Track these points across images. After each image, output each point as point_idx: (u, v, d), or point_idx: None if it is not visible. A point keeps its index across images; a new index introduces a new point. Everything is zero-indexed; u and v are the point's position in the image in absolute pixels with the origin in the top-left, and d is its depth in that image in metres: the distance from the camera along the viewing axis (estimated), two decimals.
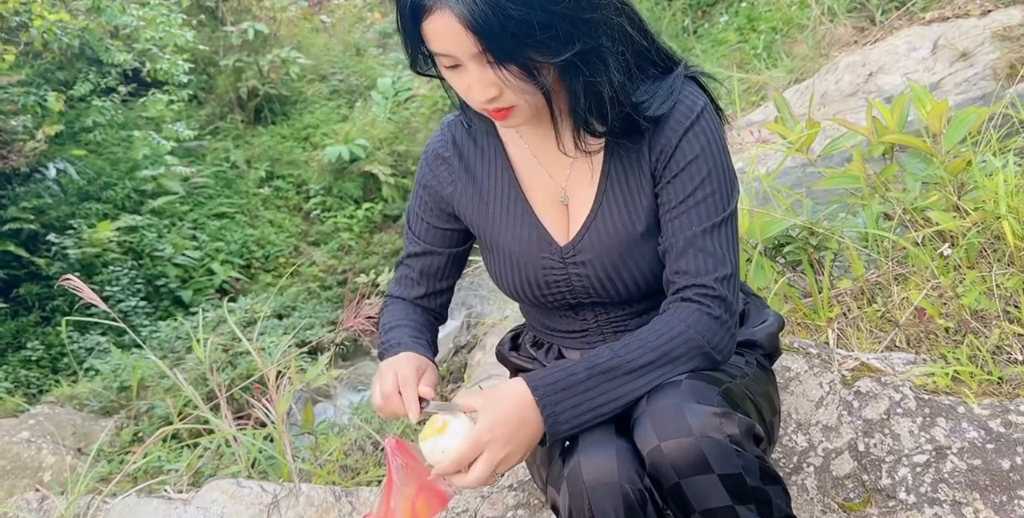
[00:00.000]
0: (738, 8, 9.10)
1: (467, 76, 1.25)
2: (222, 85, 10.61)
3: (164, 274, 8.11)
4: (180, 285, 8.21)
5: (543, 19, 1.17)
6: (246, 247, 9.13)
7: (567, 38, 1.20)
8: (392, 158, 10.39)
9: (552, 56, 1.21)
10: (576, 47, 1.22)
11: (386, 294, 1.67)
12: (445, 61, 1.26)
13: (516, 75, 1.22)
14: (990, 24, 5.80)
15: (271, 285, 8.96)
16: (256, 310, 6.17)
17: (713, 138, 1.36)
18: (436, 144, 1.56)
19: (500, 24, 1.15)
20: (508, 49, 1.19)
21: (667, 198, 1.37)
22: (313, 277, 9.19)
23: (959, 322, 2.05)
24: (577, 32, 1.21)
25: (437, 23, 1.19)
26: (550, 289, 1.47)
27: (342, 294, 8.91)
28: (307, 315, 8.09)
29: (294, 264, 9.38)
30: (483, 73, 1.24)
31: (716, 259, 1.35)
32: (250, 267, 9.10)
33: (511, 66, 1.21)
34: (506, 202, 1.49)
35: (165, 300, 8.07)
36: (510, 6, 1.15)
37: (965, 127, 2.39)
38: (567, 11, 1.19)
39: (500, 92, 1.26)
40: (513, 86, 1.24)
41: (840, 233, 2.43)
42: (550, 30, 1.18)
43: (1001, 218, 2.09)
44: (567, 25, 1.20)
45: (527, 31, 1.17)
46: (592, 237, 1.42)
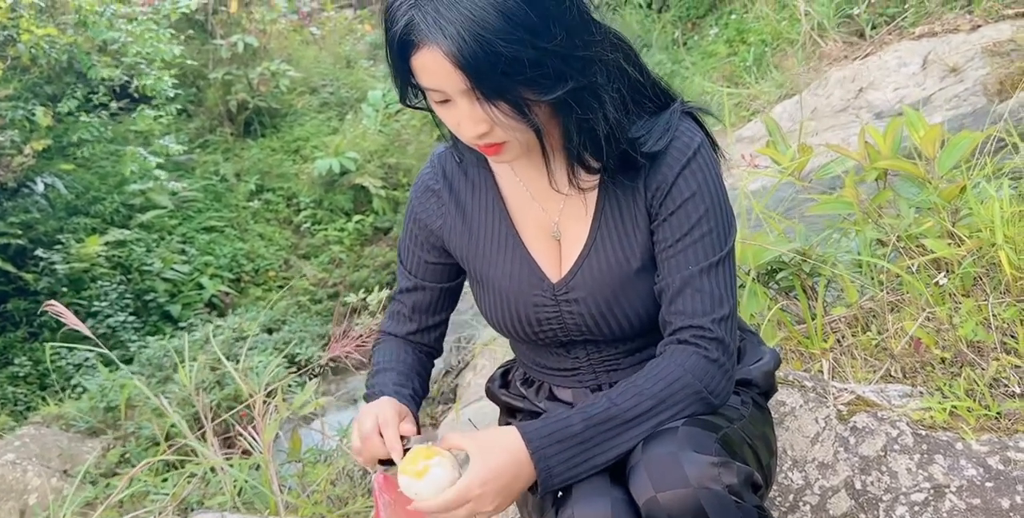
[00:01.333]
0: (728, 21, 9.11)
1: (457, 111, 1.23)
2: (211, 98, 10.56)
3: (153, 289, 8.04)
4: (169, 300, 8.14)
5: (533, 57, 1.14)
6: (236, 261, 9.07)
7: (559, 75, 1.18)
8: (383, 171, 10.35)
9: (543, 94, 1.18)
10: (568, 85, 1.19)
11: (380, 329, 1.64)
12: (435, 96, 1.23)
13: (506, 112, 1.19)
14: (980, 40, 5.81)
15: (261, 299, 8.89)
16: (244, 329, 6.11)
17: (710, 175, 1.34)
18: (426, 177, 1.53)
19: (489, 61, 1.13)
20: (497, 86, 1.16)
21: (663, 236, 1.35)
22: (303, 291, 9.12)
23: (956, 353, 2.02)
24: (569, 69, 1.19)
25: (425, 59, 1.17)
26: (541, 326, 1.44)
27: (332, 308, 8.84)
28: (297, 329, 8.03)
29: (284, 278, 9.32)
30: (473, 109, 1.21)
31: (714, 300, 1.32)
32: (240, 281, 9.03)
33: (500, 103, 1.18)
34: (497, 236, 1.46)
35: (154, 315, 8.00)
36: (499, 43, 1.12)
37: (959, 151, 2.37)
38: (559, 49, 1.16)
39: (490, 128, 1.23)
40: (503, 123, 1.21)
41: (834, 259, 2.40)
42: (541, 68, 1.16)
43: (996, 247, 2.07)
44: (559, 62, 1.17)
45: (517, 68, 1.14)
46: (585, 274, 1.39)
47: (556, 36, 1.16)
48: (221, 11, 10.57)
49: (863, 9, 6.82)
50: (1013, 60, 5.52)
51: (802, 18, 6.85)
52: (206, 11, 10.37)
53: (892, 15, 6.76)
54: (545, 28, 1.15)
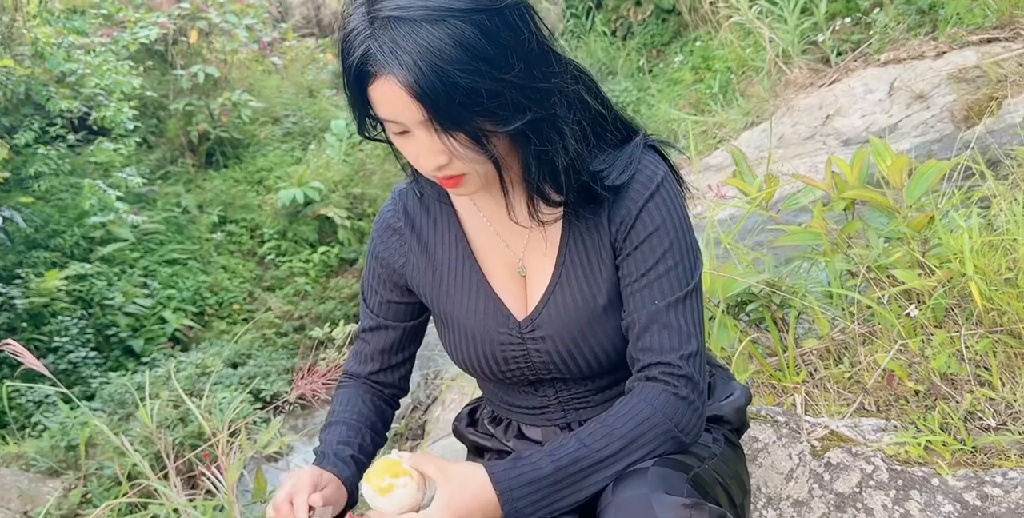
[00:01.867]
0: (692, 48, 9.17)
1: (415, 143, 1.21)
2: (172, 129, 10.47)
3: (115, 323, 7.89)
4: (131, 334, 8.00)
5: (492, 87, 1.12)
6: (199, 294, 8.94)
7: (517, 107, 1.16)
8: (348, 201, 10.27)
9: (501, 125, 1.16)
10: (527, 116, 1.17)
11: (343, 369, 1.60)
12: (393, 127, 1.21)
13: (464, 143, 1.17)
14: (945, 66, 5.86)
15: (225, 332, 8.76)
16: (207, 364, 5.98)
17: (674, 209, 1.32)
18: (387, 214, 1.50)
19: (446, 92, 1.11)
20: (455, 117, 1.14)
21: (628, 271, 1.33)
22: (268, 324, 9.00)
23: (929, 386, 1.99)
24: (528, 101, 1.17)
25: (382, 89, 1.14)
26: (508, 365, 1.41)
27: (298, 341, 8.73)
28: (263, 363, 7.91)
29: (249, 311, 9.19)
30: (431, 140, 1.18)
31: (681, 336, 1.29)
32: (203, 314, 8.90)
33: (458, 134, 1.15)
34: (460, 274, 1.43)
35: (116, 350, 7.86)
36: (456, 73, 1.10)
37: (927, 181, 2.36)
38: (517, 79, 1.14)
39: (449, 160, 1.21)
40: (461, 155, 1.18)
41: (804, 291, 2.38)
42: (498, 99, 1.14)
43: (967, 278, 2.05)
44: (516, 94, 1.15)
45: (475, 99, 1.12)
46: (551, 311, 1.37)
47: (514, 67, 1.14)
48: (181, 41, 10.50)
49: (828, 36, 6.88)
50: (979, 86, 5.57)
51: (767, 46, 6.90)
52: (166, 41, 10.29)
53: (857, 42, 6.83)
54: (503, 59, 1.13)
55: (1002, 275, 2.10)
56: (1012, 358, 2.02)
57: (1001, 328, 2.06)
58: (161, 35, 9.86)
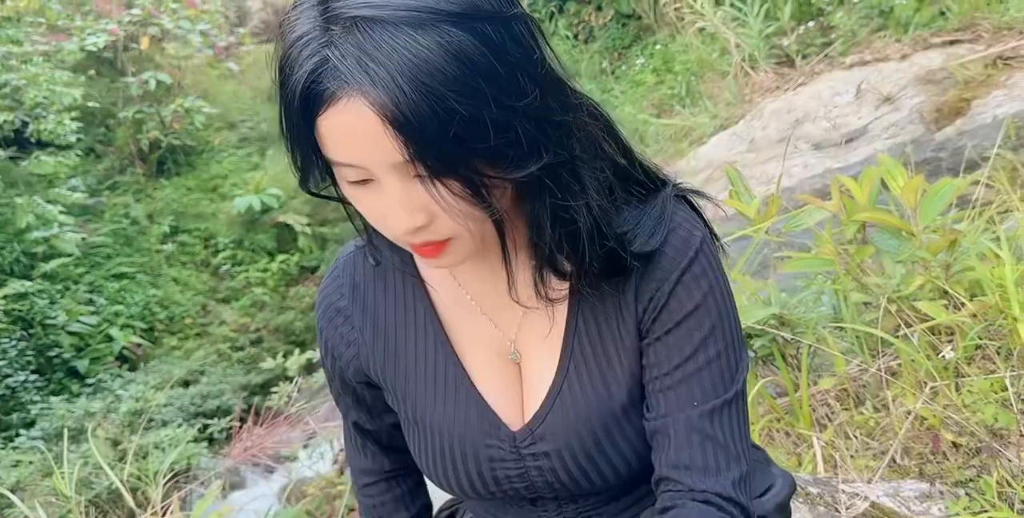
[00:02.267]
0: (653, 50, 9.04)
1: (382, 197, 0.86)
2: (121, 138, 10.09)
3: (57, 343, 7.55)
4: (75, 354, 7.67)
5: (499, 118, 0.79)
6: (148, 309, 8.60)
7: (531, 146, 0.83)
8: (308, 207, 9.98)
9: (511, 170, 0.83)
10: (543, 159, 0.84)
11: (353, 470, 1.26)
12: (350, 174, 0.85)
13: (458, 194, 0.83)
14: (911, 68, 5.77)
15: (176, 349, 8.46)
16: (148, 398, 5.63)
17: (716, 282, 1.01)
18: (328, 292, 1.13)
19: (438, 121, 0.77)
20: (448, 158, 0.80)
21: (657, 360, 1.01)
22: (223, 338, 8.71)
23: (975, 439, 1.76)
24: (545, 139, 0.84)
25: (342, 118, 0.79)
26: (499, 486, 1.08)
27: (256, 354, 8.43)
28: (216, 381, 7.60)
29: (202, 325, 8.87)
30: (407, 191, 0.84)
31: (729, 453, 0.99)
32: (153, 330, 8.57)
33: (451, 182, 0.82)
34: (433, 367, 1.08)
35: (59, 372, 7.53)
36: (452, 97, 0.76)
37: (942, 200, 2.14)
38: (532, 110, 0.82)
39: (430, 220, 0.86)
40: (452, 210, 0.84)
41: (814, 324, 2.14)
42: (508, 134, 0.80)
43: (1011, 317, 1.82)
44: (532, 128, 0.82)
45: (476, 133, 0.78)
46: (558, 417, 1.04)
47: (527, 93, 0.82)
48: (132, 48, 10.13)
49: (792, 40, 6.74)
50: (946, 88, 5.50)
51: (733, 51, 6.74)
52: (115, 48, 9.92)
53: (821, 45, 6.70)
54: (513, 81, 0.81)
55: None
56: None
57: None
58: (110, 42, 9.50)
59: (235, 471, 4.81)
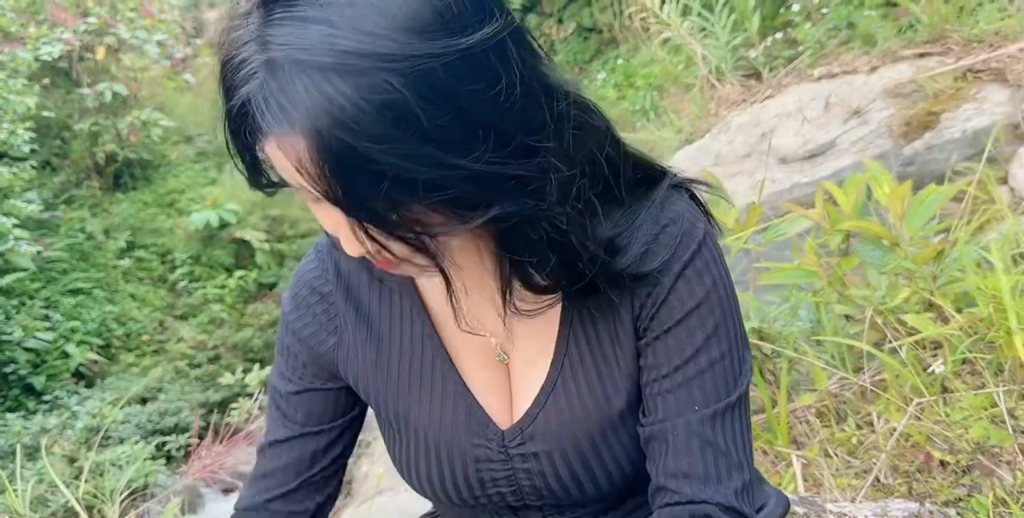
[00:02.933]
0: (615, 65, 9.03)
1: (331, 218, 0.79)
2: (77, 150, 9.87)
3: (13, 360, 7.39)
4: (31, 371, 7.51)
5: (436, 177, 0.70)
6: (105, 325, 8.41)
7: (478, 200, 0.74)
8: (266, 223, 9.86)
9: (452, 223, 0.75)
10: (491, 211, 0.74)
11: (236, 504, 1.10)
12: (299, 193, 0.77)
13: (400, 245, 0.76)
14: (880, 81, 5.75)
15: (133, 366, 8.29)
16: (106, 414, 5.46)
17: (719, 278, 0.93)
18: (308, 275, 1.04)
19: (362, 181, 0.69)
20: (376, 215, 0.72)
21: (655, 362, 0.93)
22: (181, 355, 8.54)
23: (967, 457, 1.68)
24: (493, 194, 0.74)
25: (271, 152, 0.73)
26: (484, 489, 1.00)
27: (214, 372, 8.27)
28: (174, 398, 7.43)
29: (159, 341, 8.68)
30: (352, 226, 0.76)
31: (731, 462, 0.91)
32: (110, 347, 8.39)
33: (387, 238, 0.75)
34: (420, 362, 1.00)
35: (14, 388, 7.37)
36: (377, 155, 0.67)
37: (928, 209, 2.07)
38: (480, 165, 0.71)
39: (379, 251, 0.78)
40: (379, 256, 0.79)
41: (795, 338, 2.05)
42: (447, 191, 0.71)
43: (1005, 329, 1.74)
44: (473, 187, 0.72)
45: (408, 192, 0.70)
46: (550, 417, 0.97)
47: (476, 148, 0.71)
48: (87, 58, 9.92)
49: (759, 51, 6.73)
50: (915, 101, 5.48)
51: (699, 62, 6.71)
52: (70, 58, 9.70)
53: (788, 57, 6.70)
54: (459, 133, 0.70)
55: None
56: None
57: None
58: (65, 52, 9.29)
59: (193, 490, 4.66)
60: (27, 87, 7.02)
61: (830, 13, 6.61)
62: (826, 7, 6.67)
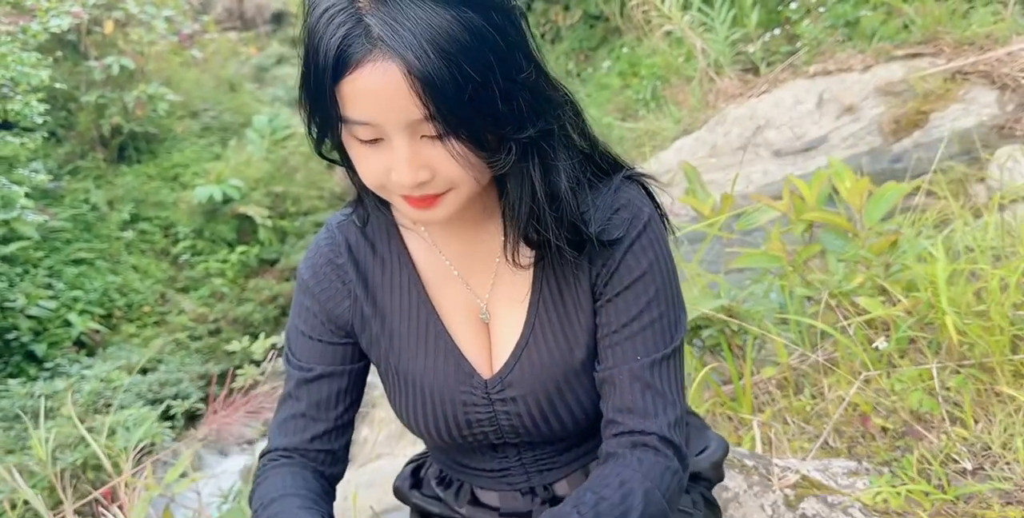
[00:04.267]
0: (620, 54, 9.12)
1: (389, 154, 0.97)
2: (83, 122, 9.99)
3: (15, 326, 7.47)
4: (33, 338, 7.59)
5: (504, 86, 0.93)
6: (107, 295, 8.54)
7: (529, 112, 0.97)
8: (269, 199, 9.97)
9: (511, 131, 0.96)
10: (539, 125, 0.98)
11: (261, 453, 1.26)
12: (364, 133, 0.96)
13: (467, 147, 0.95)
14: (872, 79, 5.90)
15: (135, 336, 8.40)
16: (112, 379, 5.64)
17: (661, 254, 1.14)
18: (325, 249, 1.23)
19: (457, 84, 0.89)
20: (461, 116, 0.92)
21: (607, 320, 1.14)
22: (182, 327, 8.65)
23: (901, 424, 1.88)
24: (539, 108, 0.98)
25: (370, 79, 0.91)
26: (471, 429, 1.20)
27: (214, 345, 8.41)
28: (174, 370, 7.57)
29: (160, 313, 8.82)
30: (414, 150, 0.95)
31: (666, 400, 1.12)
32: (111, 317, 8.50)
33: (461, 137, 0.94)
34: (415, 323, 1.20)
35: (16, 355, 7.45)
36: (466, 64, 0.89)
37: (886, 203, 2.26)
38: (529, 83, 0.97)
39: (432, 175, 0.98)
40: (460, 160, 0.96)
41: (761, 317, 2.25)
42: (511, 101, 0.94)
43: (940, 311, 1.94)
44: (529, 98, 0.97)
45: (486, 98, 0.92)
46: (524, 367, 1.17)
47: (524, 69, 0.96)
48: (95, 31, 10.04)
49: (757, 47, 6.87)
50: (905, 100, 5.62)
51: (698, 55, 6.85)
52: (79, 31, 9.83)
53: (785, 53, 6.83)
54: (514, 58, 0.95)
55: (972, 307, 2.00)
56: (983, 394, 1.92)
57: (971, 362, 1.96)
58: (74, 25, 9.40)
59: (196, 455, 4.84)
60: (40, 60, 7.15)
61: (828, 11, 6.75)
62: (823, 6, 6.80)
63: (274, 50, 14.34)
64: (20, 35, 7.38)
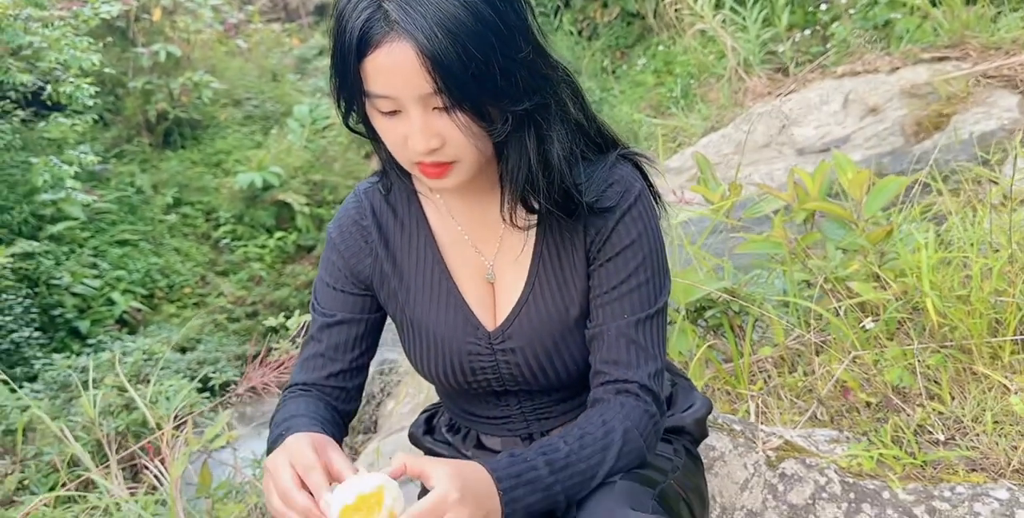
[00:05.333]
0: (655, 52, 9.23)
1: (406, 124, 1.14)
2: (130, 107, 10.30)
3: (61, 303, 7.75)
4: (78, 315, 7.86)
5: (504, 64, 1.09)
6: (149, 276, 8.82)
7: (526, 89, 1.13)
8: (307, 187, 10.20)
9: (509, 104, 1.12)
10: (535, 99, 1.15)
11: (284, 388, 1.44)
12: (384, 105, 1.13)
13: (471, 118, 1.12)
14: (898, 81, 5.97)
15: (175, 316, 8.65)
16: (155, 350, 5.89)
17: (649, 224, 1.30)
18: (352, 211, 1.41)
19: (460, 62, 1.06)
20: (465, 91, 1.09)
21: (599, 282, 1.31)
22: (220, 309, 8.90)
23: (882, 398, 2.03)
24: (535, 84, 1.15)
25: (387, 57, 1.07)
26: (475, 376, 1.37)
27: (251, 327, 8.64)
28: (212, 349, 7.82)
29: (200, 295, 9.08)
30: (427, 120, 1.12)
31: (648, 354, 1.29)
32: (153, 297, 8.77)
33: (465, 110, 1.11)
34: (429, 280, 1.37)
35: (61, 331, 7.72)
36: (470, 45, 1.06)
37: (886, 195, 2.40)
38: (527, 61, 1.13)
39: (442, 143, 1.14)
40: (464, 130, 1.13)
41: (762, 299, 2.40)
42: (510, 77, 1.11)
43: (923, 294, 2.09)
44: (526, 75, 1.13)
45: (487, 74, 1.08)
46: (523, 322, 1.33)
47: (522, 49, 1.12)
48: (143, 18, 10.34)
49: (787, 47, 6.97)
50: (929, 103, 5.69)
51: (729, 54, 6.97)
52: (128, 18, 10.13)
53: (815, 54, 6.92)
54: (513, 39, 1.11)
55: (955, 292, 2.14)
56: (961, 373, 2.06)
57: (952, 343, 2.10)
58: (123, 11, 9.68)
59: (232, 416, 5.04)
60: (91, 44, 7.41)
61: (858, 13, 6.83)
62: (853, 7, 6.88)
63: (316, 42, 14.58)
64: (72, 20, 7.64)
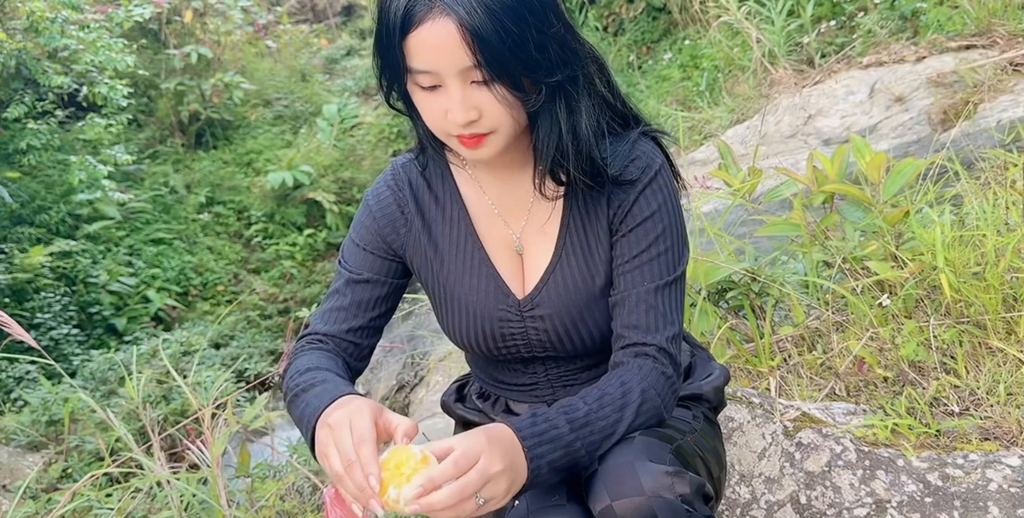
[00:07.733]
0: (681, 46, 9.25)
1: (446, 97, 1.21)
2: (163, 108, 10.47)
3: (98, 301, 7.91)
4: (114, 313, 8.02)
5: (538, 39, 1.18)
6: (183, 274, 8.97)
7: (557, 62, 1.21)
8: (337, 185, 10.33)
9: (543, 75, 1.20)
10: (566, 71, 1.23)
11: (301, 335, 1.48)
12: (425, 80, 1.21)
13: (508, 90, 1.20)
14: (924, 70, 5.96)
15: (209, 313, 8.80)
16: (192, 343, 6.02)
17: (669, 197, 1.38)
18: (390, 181, 1.48)
19: (499, 37, 1.14)
20: (503, 64, 1.17)
21: (621, 252, 1.38)
22: (253, 306, 9.03)
23: (898, 373, 2.08)
24: (566, 58, 1.23)
25: (430, 33, 1.15)
26: (505, 342, 1.45)
27: (283, 323, 8.77)
28: (246, 345, 7.95)
29: (233, 292, 9.22)
30: (466, 93, 1.20)
31: (666, 319, 1.36)
32: (187, 295, 8.93)
33: (504, 83, 1.19)
34: (462, 251, 1.45)
35: (98, 328, 7.87)
36: (506, 20, 1.14)
37: (903, 178, 2.45)
38: (558, 36, 1.21)
39: (479, 115, 1.22)
40: (503, 101, 1.21)
41: (782, 280, 2.45)
42: (543, 51, 1.19)
43: (938, 270, 2.14)
44: (558, 49, 1.21)
45: (523, 48, 1.16)
46: (551, 290, 1.41)
47: (554, 25, 1.20)
48: (175, 21, 10.52)
49: (813, 38, 6.98)
50: (956, 91, 5.68)
51: (754, 46, 6.99)
52: (160, 20, 10.31)
53: (841, 44, 6.92)
54: (545, 15, 1.19)
55: (971, 269, 2.19)
56: (977, 347, 2.11)
57: (968, 319, 2.15)
58: (155, 14, 9.87)
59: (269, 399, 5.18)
60: (126, 46, 7.57)
61: (884, 3, 6.82)
62: None
63: (344, 42, 14.75)
64: (106, 23, 7.80)
